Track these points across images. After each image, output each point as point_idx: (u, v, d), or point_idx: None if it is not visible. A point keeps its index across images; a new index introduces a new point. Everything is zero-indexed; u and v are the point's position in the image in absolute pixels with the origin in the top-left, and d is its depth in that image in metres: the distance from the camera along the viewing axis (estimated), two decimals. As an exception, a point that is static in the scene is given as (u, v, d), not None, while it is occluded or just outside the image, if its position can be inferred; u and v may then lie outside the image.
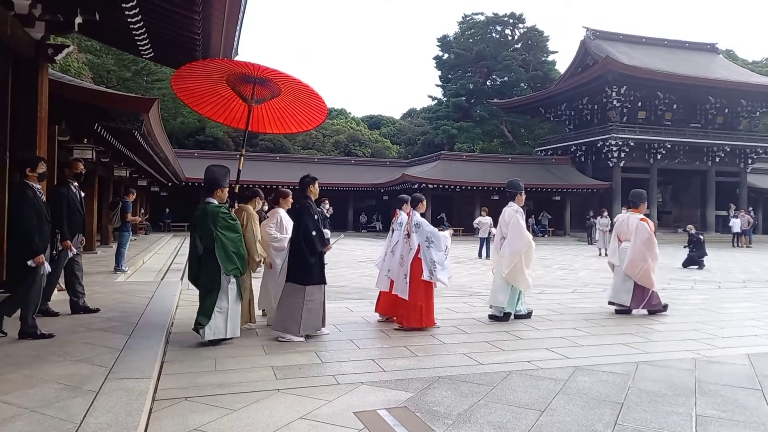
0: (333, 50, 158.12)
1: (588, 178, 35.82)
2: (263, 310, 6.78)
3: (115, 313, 6.67)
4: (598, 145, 35.25)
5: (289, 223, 6.43)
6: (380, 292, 7.00)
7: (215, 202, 5.54)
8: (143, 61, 27.48)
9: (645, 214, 8.07)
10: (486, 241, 18.81)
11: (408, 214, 6.75)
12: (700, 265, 15.58)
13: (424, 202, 6.84)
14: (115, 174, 17.74)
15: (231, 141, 45.10)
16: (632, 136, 34.34)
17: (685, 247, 16.99)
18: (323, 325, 6.04)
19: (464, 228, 33.83)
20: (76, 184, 6.59)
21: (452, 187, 32.31)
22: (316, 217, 5.87)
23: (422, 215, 6.73)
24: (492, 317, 7.12)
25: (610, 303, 7.99)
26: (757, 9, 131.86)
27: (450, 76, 54.53)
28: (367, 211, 38.80)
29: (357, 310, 7.66)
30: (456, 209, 35.12)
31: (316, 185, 6.09)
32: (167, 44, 8.50)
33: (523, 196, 7.58)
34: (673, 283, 11.79)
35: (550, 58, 54.58)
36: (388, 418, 3.69)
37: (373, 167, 39.44)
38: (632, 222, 7.93)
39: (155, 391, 4.09)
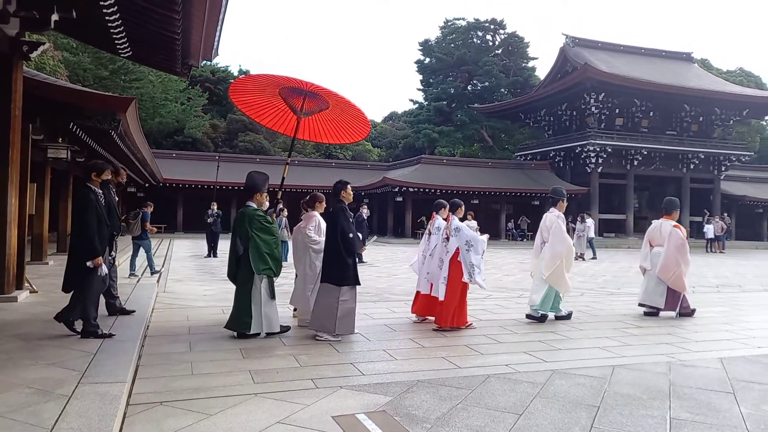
0: (314, 52, 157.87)
1: (567, 183, 36.14)
2: (294, 309, 7.00)
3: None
4: (577, 150, 35.69)
5: (325, 226, 6.62)
6: (417, 293, 7.30)
7: (254, 205, 6.03)
8: (121, 60, 27.06)
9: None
10: None
11: (447, 219, 7.08)
12: (675, 270, 15.83)
13: (462, 208, 7.22)
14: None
15: (210, 142, 44.72)
16: (610, 143, 34.84)
17: (660, 252, 17.26)
18: (353, 330, 6.14)
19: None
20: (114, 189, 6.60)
21: (432, 190, 32.40)
22: (350, 219, 6.19)
23: (451, 219, 6.95)
24: (529, 316, 7.43)
25: (640, 305, 8.29)
26: (732, 20, 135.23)
27: (431, 81, 54.77)
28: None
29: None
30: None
31: (349, 189, 6.41)
32: (146, 43, 8.39)
33: (565, 203, 7.89)
34: (648, 288, 11.94)
35: (530, 64, 55.17)
36: (367, 422, 3.67)
37: (353, 170, 39.35)
38: (665, 228, 8.23)
39: (129, 396, 4.02)
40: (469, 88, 53.74)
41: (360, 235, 6.78)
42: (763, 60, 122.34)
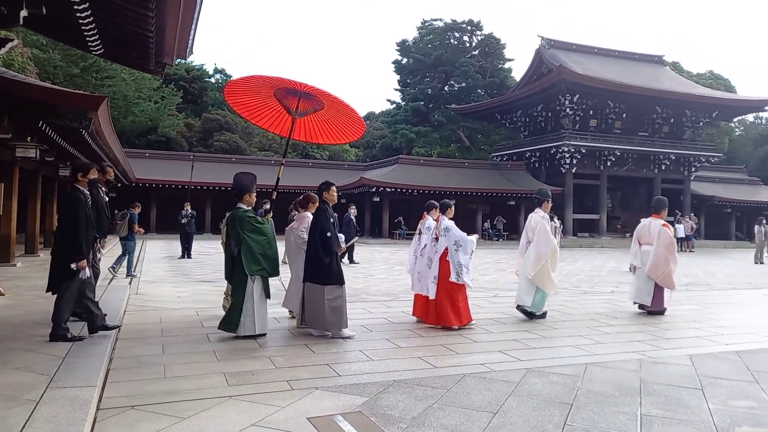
0: (289, 52, 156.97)
1: (542, 184, 36.63)
2: (291, 312, 7.04)
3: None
4: (552, 151, 36.15)
5: None
6: (416, 295, 7.28)
7: (244, 206, 6.07)
8: (92, 57, 26.54)
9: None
10: None
11: (437, 219, 7.18)
12: (647, 269, 16.14)
13: (453, 208, 7.31)
14: (60, 173, 17.05)
15: (184, 141, 44.04)
16: (584, 144, 35.37)
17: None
18: (345, 326, 6.21)
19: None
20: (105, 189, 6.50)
21: (410, 191, 32.50)
22: (331, 220, 6.28)
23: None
24: (524, 313, 7.55)
25: (635, 303, 8.46)
26: (702, 24, 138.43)
27: (409, 81, 54.91)
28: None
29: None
30: (413, 213, 35.31)
31: (332, 191, 6.53)
32: (119, 41, 8.23)
33: (550, 204, 8.04)
34: (621, 287, 12.15)
35: (507, 65, 55.69)
36: (343, 424, 3.66)
37: (331, 170, 39.19)
38: (654, 227, 8.38)
39: (100, 400, 3.95)
40: (446, 88, 54.02)
41: (342, 236, 6.84)
42: (732, 63, 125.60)
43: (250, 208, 6.15)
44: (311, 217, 6.70)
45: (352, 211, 16.37)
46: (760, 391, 4.55)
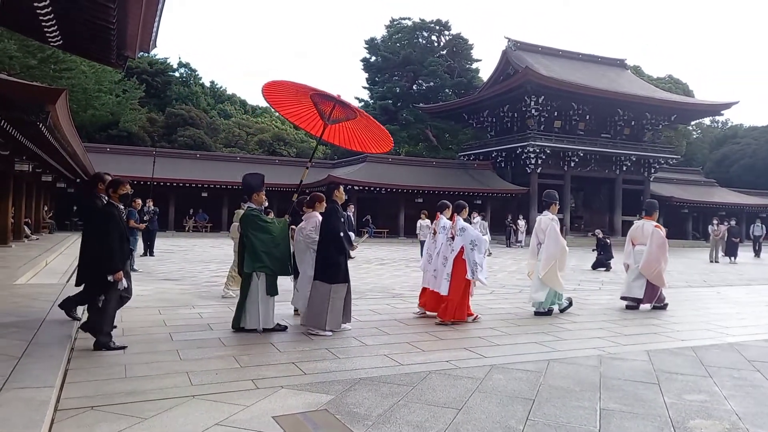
0: (257, 48, 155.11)
1: (508, 183, 37.19)
2: (296, 309, 7.24)
3: (13, 318, 6.20)
4: (518, 151, 36.67)
5: None
6: (424, 288, 7.71)
7: (253, 205, 6.35)
8: (51, 48, 25.66)
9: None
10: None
11: (452, 219, 7.42)
12: (608, 268, 16.58)
13: (467, 209, 7.67)
14: (16, 168, 16.47)
15: (147, 136, 43.10)
16: (548, 144, 35.99)
17: (593, 250, 18.01)
18: (348, 320, 6.51)
19: (388, 230, 34.19)
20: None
21: (377, 189, 32.54)
22: (342, 219, 6.47)
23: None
24: (537, 313, 7.92)
25: (622, 298, 8.84)
26: (662, 29, 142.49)
27: (377, 79, 54.90)
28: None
29: (279, 312, 7.53)
30: (381, 211, 35.40)
31: (341, 190, 6.74)
32: (78, 33, 8.00)
33: (557, 206, 8.33)
34: (582, 284, 12.45)
35: (474, 65, 56.21)
36: (308, 422, 3.65)
37: (298, 167, 38.86)
38: (647, 228, 8.83)
39: (58, 401, 3.84)
40: (414, 87, 54.21)
41: (353, 234, 7.05)
42: (690, 68, 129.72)
43: (260, 207, 6.42)
44: (319, 216, 6.79)
45: (351, 210, 16.66)
46: (713, 386, 4.73)
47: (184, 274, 12.65)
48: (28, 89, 8.35)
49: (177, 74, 56.15)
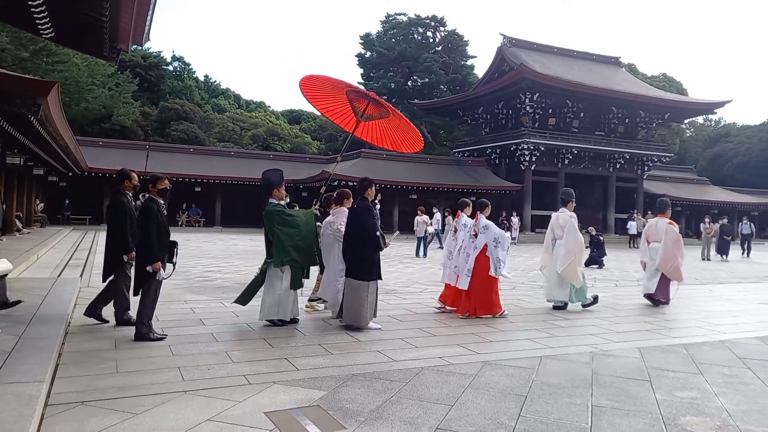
0: (251, 43, 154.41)
1: (502, 180, 37.24)
2: (309, 303, 7.47)
3: (4, 312, 6.14)
4: (512, 148, 36.73)
5: None
6: (446, 284, 7.81)
7: (275, 201, 6.42)
8: (43, 41, 25.44)
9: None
10: (423, 240, 18.67)
11: (476, 217, 7.57)
12: (600, 265, 16.64)
13: (489, 207, 7.80)
14: (7, 162, 16.34)
15: (140, 130, 42.82)
16: (543, 141, 36.06)
17: (586, 247, 18.03)
18: (374, 316, 6.57)
19: (383, 226, 34.14)
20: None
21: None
22: (376, 218, 6.55)
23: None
24: (555, 308, 8.16)
25: (645, 296, 9.02)
26: (657, 27, 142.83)
27: (372, 75, 54.77)
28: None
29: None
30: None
31: (374, 188, 6.78)
32: (71, 25, 7.92)
33: (574, 203, 8.51)
34: (575, 282, 12.47)
35: (469, 62, 56.17)
36: (300, 418, 3.65)
37: (292, 163, 38.80)
38: (661, 225, 9.03)
39: (48, 396, 3.81)
40: (409, 83, 54.13)
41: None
42: (684, 66, 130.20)
43: (281, 202, 6.47)
44: (347, 212, 6.88)
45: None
46: (703, 383, 4.75)
47: (176, 268, 12.58)
48: (20, 82, 8.27)
49: (171, 68, 55.85)
